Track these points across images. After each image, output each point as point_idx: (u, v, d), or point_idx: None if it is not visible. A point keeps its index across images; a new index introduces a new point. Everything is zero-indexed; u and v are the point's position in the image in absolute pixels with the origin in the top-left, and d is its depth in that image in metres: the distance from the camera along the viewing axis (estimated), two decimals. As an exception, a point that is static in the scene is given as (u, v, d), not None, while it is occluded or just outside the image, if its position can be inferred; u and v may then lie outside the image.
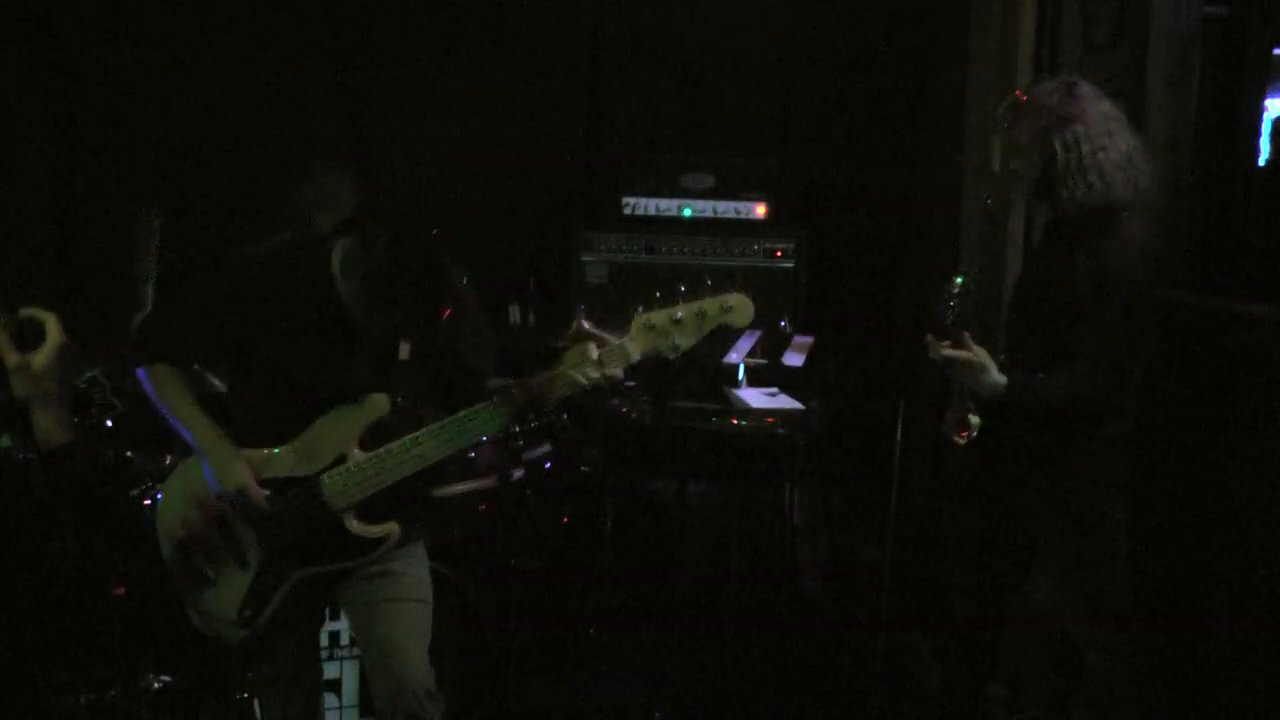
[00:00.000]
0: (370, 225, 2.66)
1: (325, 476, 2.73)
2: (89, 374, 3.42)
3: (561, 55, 4.95)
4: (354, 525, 2.74)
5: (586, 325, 3.87)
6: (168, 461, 3.48)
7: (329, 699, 3.41)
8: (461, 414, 2.73)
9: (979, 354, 2.94)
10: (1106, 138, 2.94)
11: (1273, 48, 3.62)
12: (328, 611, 3.32)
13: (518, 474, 3.85)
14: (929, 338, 3.00)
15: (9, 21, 4.31)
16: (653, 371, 3.90)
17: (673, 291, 4.45)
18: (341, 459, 2.73)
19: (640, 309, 2.68)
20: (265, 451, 2.74)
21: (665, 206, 4.72)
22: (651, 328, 2.66)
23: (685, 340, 2.65)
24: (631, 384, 4.10)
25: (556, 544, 4.25)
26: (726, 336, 3.98)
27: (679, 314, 2.64)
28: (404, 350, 2.77)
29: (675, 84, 5.08)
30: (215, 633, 2.80)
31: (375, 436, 2.74)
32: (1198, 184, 3.64)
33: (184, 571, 2.77)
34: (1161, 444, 3.41)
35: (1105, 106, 2.99)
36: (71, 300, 4.59)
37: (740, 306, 2.67)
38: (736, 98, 5.07)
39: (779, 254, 4.61)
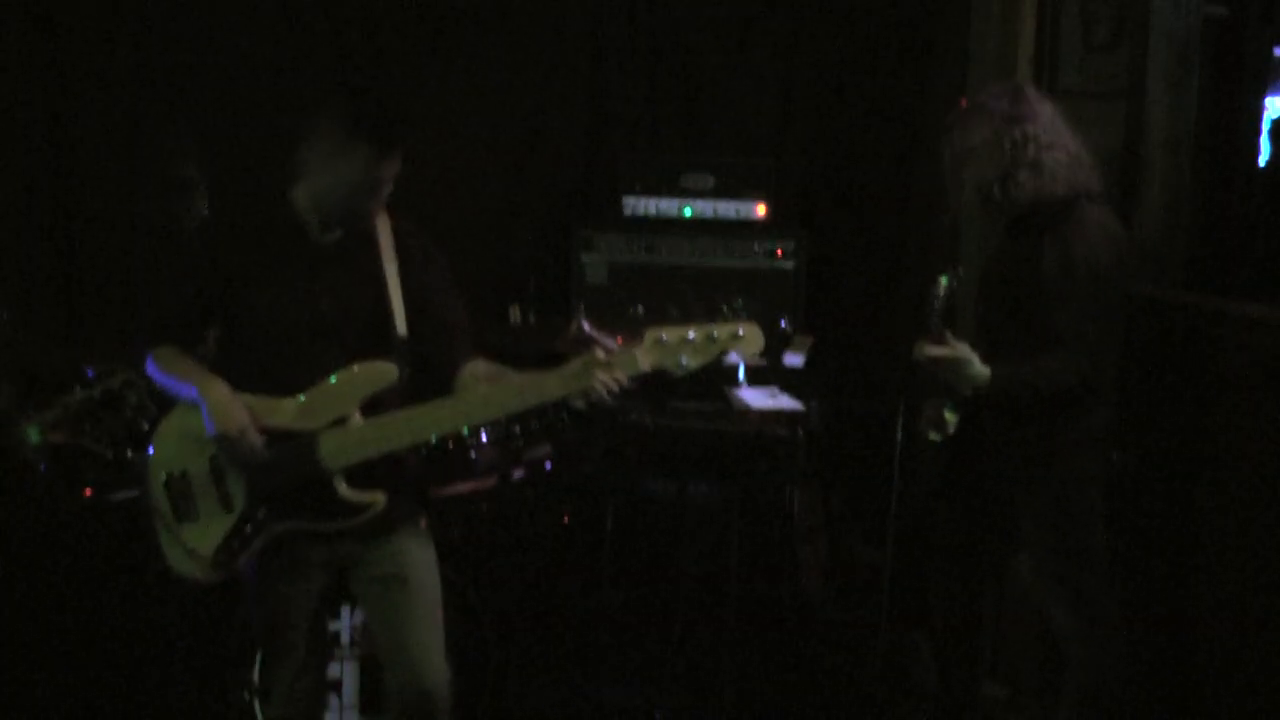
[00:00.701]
0: None
1: (322, 435, 2.76)
2: (123, 375, 3.41)
3: (561, 55, 4.95)
4: (342, 488, 2.77)
5: (586, 326, 3.88)
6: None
7: (329, 699, 3.41)
8: (463, 393, 2.80)
9: (962, 349, 2.96)
10: (1055, 135, 3.02)
11: (1273, 48, 3.62)
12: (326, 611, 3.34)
13: (518, 474, 3.85)
14: (918, 341, 3.01)
15: (9, 21, 4.31)
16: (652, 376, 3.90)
17: (684, 300, 4.48)
18: (341, 421, 2.76)
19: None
20: (267, 400, 2.78)
21: (665, 206, 4.72)
22: (663, 342, 2.70)
23: (693, 360, 2.71)
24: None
25: (556, 544, 4.25)
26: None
27: (690, 334, 2.70)
28: (401, 325, 2.83)
29: (675, 84, 5.08)
30: (188, 571, 2.83)
31: (375, 407, 2.79)
32: (1198, 184, 3.65)
33: (169, 506, 2.83)
34: (1159, 443, 3.41)
35: (1049, 108, 3.07)
36: (71, 300, 4.60)
37: (751, 336, 2.72)
38: (736, 97, 5.06)
39: (779, 254, 4.61)
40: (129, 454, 3.47)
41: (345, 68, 4.69)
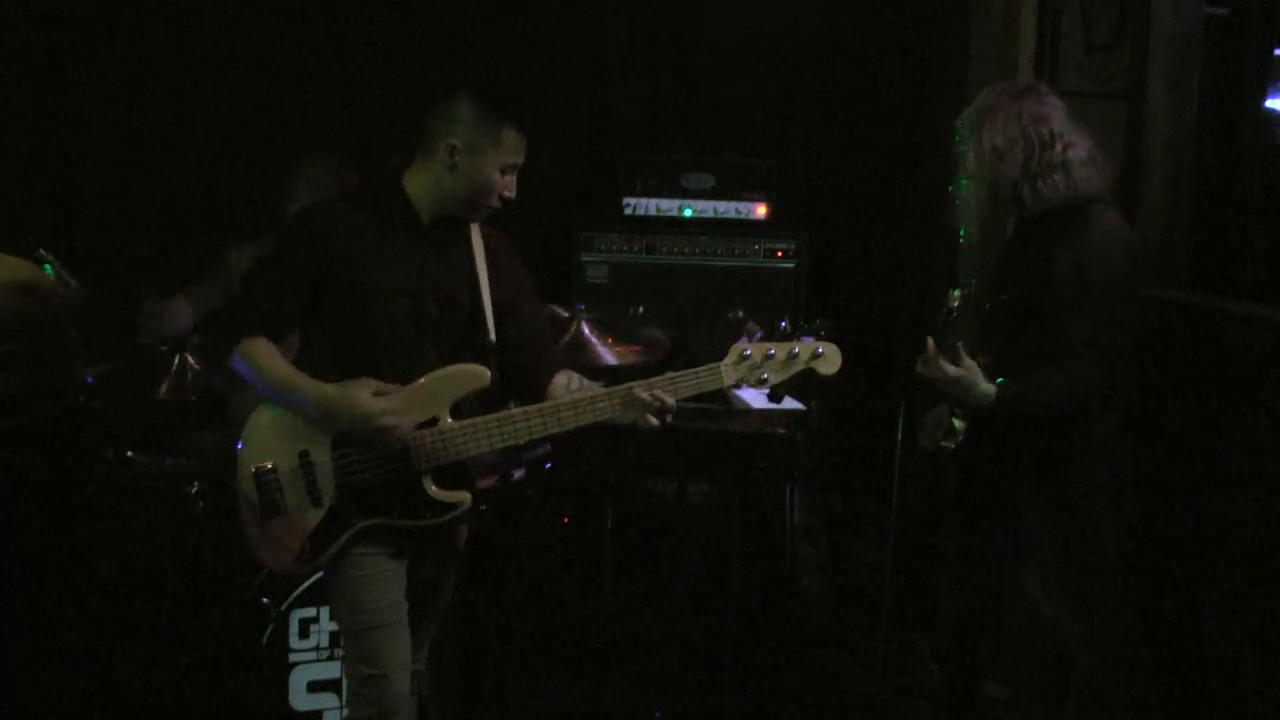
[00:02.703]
0: None
1: (414, 434, 2.78)
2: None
3: (562, 55, 4.95)
4: (431, 487, 2.81)
5: (587, 329, 3.89)
6: (167, 463, 3.48)
7: (329, 699, 3.41)
8: (551, 401, 2.84)
9: (969, 368, 2.93)
10: (1074, 134, 2.99)
11: (1273, 48, 3.62)
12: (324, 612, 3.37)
13: (518, 474, 3.85)
14: (925, 353, 2.99)
15: (9, 21, 4.31)
16: (656, 369, 3.90)
17: (685, 300, 4.49)
18: (433, 421, 2.78)
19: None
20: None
21: (665, 206, 4.73)
22: (747, 358, 2.77)
23: (774, 376, 2.78)
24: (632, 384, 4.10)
25: (556, 544, 4.25)
26: (726, 337, 3.99)
27: (773, 350, 2.77)
28: (491, 330, 2.87)
29: (675, 84, 5.08)
30: (273, 563, 2.86)
31: (457, 410, 2.81)
32: (1198, 184, 3.64)
33: (258, 500, 2.82)
34: (1160, 444, 3.41)
35: (1065, 107, 3.05)
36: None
37: (831, 355, 2.79)
38: (736, 97, 5.07)
39: (779, 254, 4.62)
40: (129, 454, 3.48)
41: (345, 67, 4.70)
